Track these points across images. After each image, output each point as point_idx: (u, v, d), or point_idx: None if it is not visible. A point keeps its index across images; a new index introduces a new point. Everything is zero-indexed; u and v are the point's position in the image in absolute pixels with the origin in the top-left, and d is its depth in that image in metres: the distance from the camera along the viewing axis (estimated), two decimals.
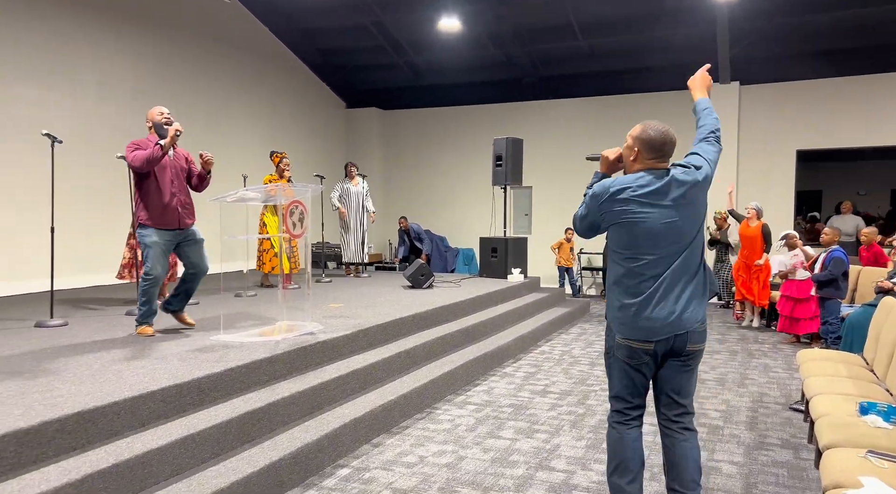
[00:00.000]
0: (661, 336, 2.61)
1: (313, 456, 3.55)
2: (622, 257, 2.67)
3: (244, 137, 10.78)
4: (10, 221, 7.25)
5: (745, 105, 10.98)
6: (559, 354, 6.75)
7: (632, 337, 2.66)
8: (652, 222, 2.57)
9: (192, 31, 9.69)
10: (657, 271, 2.60)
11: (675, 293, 2.60)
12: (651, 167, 2.65)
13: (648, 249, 2.60)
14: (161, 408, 3.28)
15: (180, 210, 4.62)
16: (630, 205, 2.59)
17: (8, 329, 4.91)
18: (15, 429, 2.59)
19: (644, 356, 2.66)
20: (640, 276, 2.62)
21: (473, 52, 11.67)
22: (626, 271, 2.66)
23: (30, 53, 7.46)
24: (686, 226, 2.61)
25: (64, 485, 2.50)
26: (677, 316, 2.59)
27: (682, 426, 2.71)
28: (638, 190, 2.59)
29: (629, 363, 2.71)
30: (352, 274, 9.44)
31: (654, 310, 2.59)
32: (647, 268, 2.61)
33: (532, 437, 4.18)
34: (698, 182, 2.62)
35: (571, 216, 12.57)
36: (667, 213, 2.58)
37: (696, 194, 2.63)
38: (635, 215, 2.58)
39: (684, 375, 2.70)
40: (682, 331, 2.60)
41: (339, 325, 5.10)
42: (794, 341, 7.38)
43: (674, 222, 2.58)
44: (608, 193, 2.63)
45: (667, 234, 2.58)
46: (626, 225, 2.61)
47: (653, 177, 2.61)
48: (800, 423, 4.47)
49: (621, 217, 2.62)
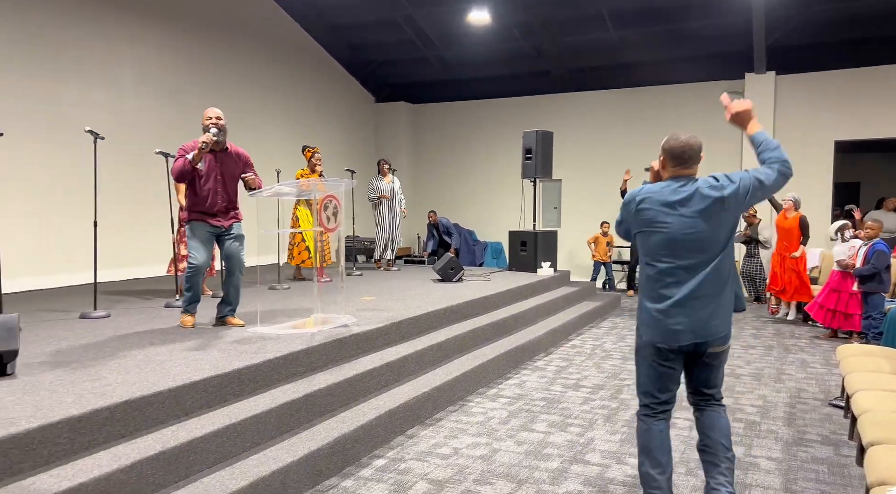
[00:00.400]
0: (682, 343, 2.72)
1: (350, 447, 3.61)
2: (645, 263, 2.82)
3: (276, 132, 10.92)
4: (53, 216, 7.47)
5: (781, 95, 10.74)
6: (590, 348, 6.72)
7: (656, 339, 2.77)
8: (672, 231, 2.69)
9: (224, 28, 9.84)
10: (679, 279, 2.69)
11: (699, 303, 2.68)
12: (677, 175, 2.76)
13: (669, 256, 2.71)
14: (203, 398, 3.37)
15: (221, 211, 4.71)
16: (652, 213, 2.73)
17: (55, 321, 5.08)
18: (68, 416, 2.69)
19: (669, 355, 2.78)
20: (660, 282, 2.74)
21: (502, 44, 11.63)
22: (649, 277, 2.80)
23: (71, 53, 7.66)
24: (710, 238, 2.67)
25: (115, 471, 2.59)
26: (701, 326, 2.69)
27: (709, 403, 2.90)
28: (660, 199, 2.72)
29: (654, 362, 2.82)
30: (382, 268, 9.52)
31: (677, 318, 2.69)
32: (667, 275, 2.71)
33: (565, 431, 4.19)
34: (723, 198, 2.66)
35: (601, 209, 12.59)
36: (688, 223, 2.67)
37: (721, 209, 2.67)
38: (656, 222, 2.72)
39: (711, 371, 2.84)
40: (702, 340, 2.71)
41: (372, 318, 5.16)
42: (831, 335, 7.23)
43: (695, 233, 2.66)
44: (634, 201, 2.80)
45: (688, 243, 2.67)
46: (648, 232, 2.75)
47: (677, 186, 2.72)
48: (840, 419, 4.40)
49: (644, 225, 2.76)
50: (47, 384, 3.16)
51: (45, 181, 7.39)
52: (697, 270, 2.67)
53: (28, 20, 7.20)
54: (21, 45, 7.13)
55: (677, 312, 2.68)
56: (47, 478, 2.48)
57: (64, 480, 2.47)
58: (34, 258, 7.26)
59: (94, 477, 2.52)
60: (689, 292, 2.67)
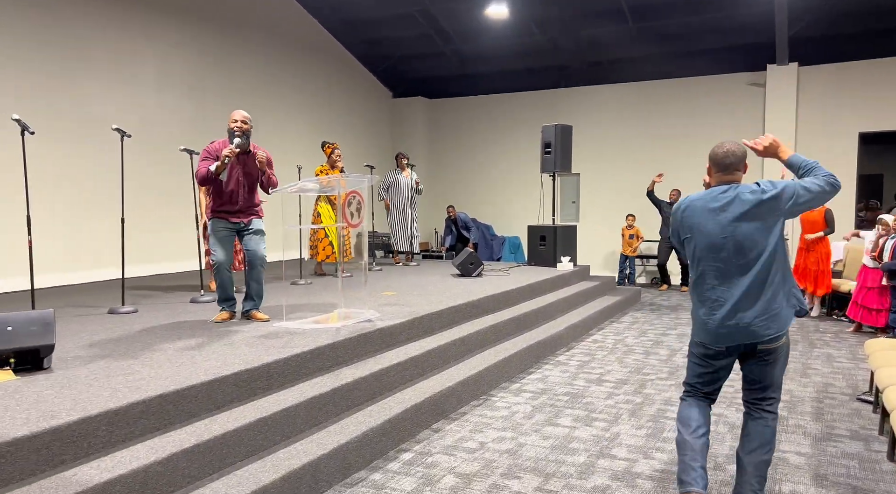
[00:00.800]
0: (727, 345, 2.79)
1: (377, 440, 3.64)
2: (691, 266, 2.93)
3: (293, 128, 10.98)
4: (78, 212, 7.59)
5: (803, 87, 10.60)
6: (612, 343, 6.71)
7: (703, 339, 2.86)
8: (712, 235, 2.77)
9: (241, 24, 9.90)
10: (721, 282, 2.77)
11: (742, 305, 2.72)
12: (720, 181, 2.84)
13: (710, 260, 2.80)
14: (234, 392, 3.41)
15: (241, 210, 4.81)
16: (694, 219, 2.84)
17: (85, 316, 5.17)
18: (106, 410, 2.74)
19: (717, 355, 2.85)
20: (705, 285, 2.83)
21: (519, 39, 11.58)
22: (694, 281, 2.90)
23: (95, 51, 7.75)
24: (751, 241, 2.70)
25: (153, 463, 2.64)
26: (744, 327, 2.72)
27: (758, 408, 2.87)
28: (701, 205, 2.82)
29: (703, 361, 2.92)
30: (401, 263, 9.55)
31: (721, 320, 2.76)
32: (710, 278, 2.80)
33: (591, 425, 4.19)
34: (763, 201, 2.69)
35: (621, 204, 12.52)
36: (728, 228, 2.73)
37: (761, 213, 2.70)
38: (697, 227, 2.83)
39: (765, 368, 2.82)
40: (748, 342, 2.74)
41: (395, 313, 5.19)
42: (856, 329, 7.14)
43: (734, 237, 2.72)
44: (680, 208, 2.94)
45: (728, 247, 2.73)
46: (691, 237, 2.87)
47: (719, 192, 2.80)
48: (869, 414, 4.35)
49: (688, 230, 2.88)
50: (83, 379, 3.22)
51: (71, 178, 7.50)
52: (740, 273, 2.73)
53: (54, 19, 7.30)
54: (47, 44, 7.24)
55: (721, 315, 2.75)
56: (88, 470, 2.54)
57: (105, 471, 2.52)
58: (61, 254, 7.38)
59: (133, 469, 2.57)
60: (731, 295, 2.74)
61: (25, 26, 7.04)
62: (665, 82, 11.69)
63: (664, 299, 9.86)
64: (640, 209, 11.78)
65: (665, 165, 11.71)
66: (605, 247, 12.40)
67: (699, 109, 11.45)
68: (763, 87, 10.86)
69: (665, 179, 11.44)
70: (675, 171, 11.62)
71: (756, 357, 2.80)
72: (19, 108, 6.99)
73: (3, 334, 3.20)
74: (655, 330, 7.35)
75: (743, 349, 2.79)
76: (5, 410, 2.71)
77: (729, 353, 2.82)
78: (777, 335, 2.72)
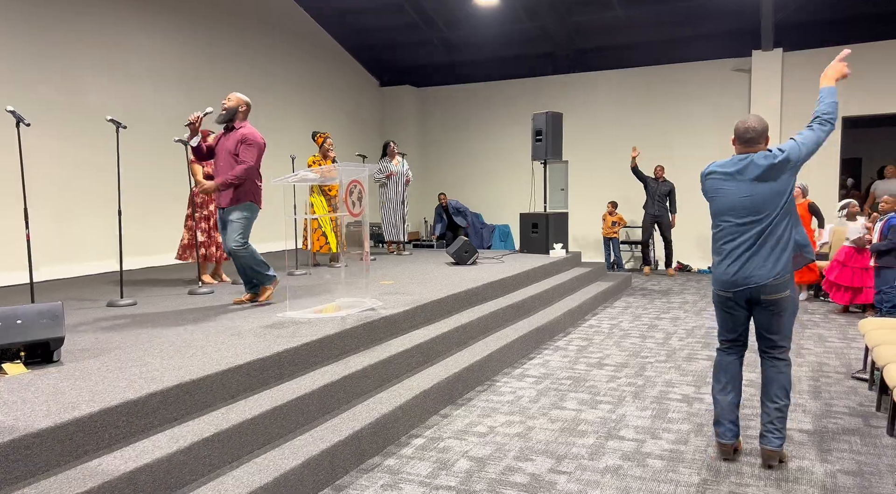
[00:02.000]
0: (737, 288, 3.22)
1: (390, 426, 3.68)
2: (713, 224, 3.36)
3: (285, 118, 10.89)
4: (71, 205, 7.47)
5: (788, 72, 10.73)
6: (608, 327, 6.79)
7: (717, 287, 3.33)
8: (731, 196, 3.23)
9: (227, 13, 9.76)
10: (735, 236, 3.23)
11: (749, 255, 3.17)
12: (741, 152, 3.26)
13: (729, 218, 3.26)
14: (247, 381, 3.42)
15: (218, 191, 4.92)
16: (716, 182, 3.29)
17: (84, 309, 5.11)
18: (126, 400, 2.73)
19: (729, 302, 3.30)
20: (722, 239, 3.29)
21: (508, 26, 11.57)
22: (714, 235, 3.35)
23: (88, 42, 7.60)
24: (763, 201, 3.15)
25: (175, 452, 2.65)
26: (748, 274, 3.18)
27: (771, 356, 3.31)
28: (722, 170, 3.27)
29: (721, 307, 3.38)
30: (394, 252, 9.55)
31: (731, 267, 3.23)
32: (727, 233, 3.26)
33: (596, 408, 4.26)
34: (774, 165, 3.13)
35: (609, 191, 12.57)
36: (744, 189, 3.19)
37: (773, 175, 3.13)
38: (718, 190, 3.29)
39: (772, 317, 3.24)
40: (752, 285, 3.18)
41: (396, 301, 5.21)
42: (843, 310, 7.31)
43: (750, 198, 3.17)
44: (705, 174, 3.37)
45: (744, 206, 3.19)
46: (714, 198, 3.32)
47: (738, 160, 3.24)
48: (865, 391, 4.47)
49: (711, 192, 3.33)
50: (96, 371, 3.20)
51: (65, 170, 7.37)
52: (752, 228, 3.16)
53: (48, 10, 7.14)
54: (42, 35, 7.08)
55: (732, 263, 3.21)
56: (112, 459, 2.53)
57: (129, 461, 2.52)
58: (54, 247, 7.27)
59: (156, 459, 2.57)
60: (741, 246, 3.18)
61: (20, 18, 6.88)
62: (652, 69, 11.76)
63: (654, 283, 9.98)
64: (627, 193, 11.88)
65: (652, 151, 11.81)
66: (594, 233, 12.50)
67: (685, 95, 11.55)
68: (748, 72, 10.98)
69: (645, 156, 11.54)
70: (661, 156, 11.73)
71: (762, 306, 3.20)
72: (14, 99, 6.85)
73: (13, 327, 3.17)
74: (649, 315, 7.45)
75: (748, 296, 3.19)
76: (24, 402, 2.69)
77: (737, 300, 3.25)
78: (777, 284, 3.12)
